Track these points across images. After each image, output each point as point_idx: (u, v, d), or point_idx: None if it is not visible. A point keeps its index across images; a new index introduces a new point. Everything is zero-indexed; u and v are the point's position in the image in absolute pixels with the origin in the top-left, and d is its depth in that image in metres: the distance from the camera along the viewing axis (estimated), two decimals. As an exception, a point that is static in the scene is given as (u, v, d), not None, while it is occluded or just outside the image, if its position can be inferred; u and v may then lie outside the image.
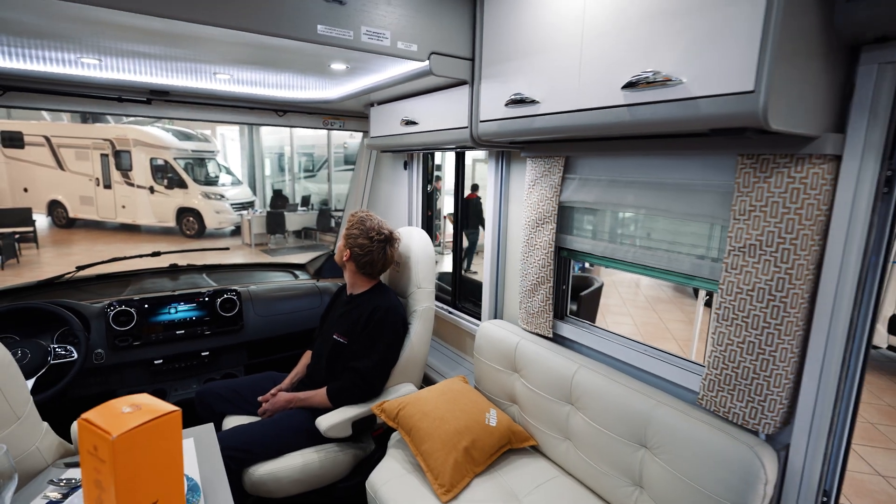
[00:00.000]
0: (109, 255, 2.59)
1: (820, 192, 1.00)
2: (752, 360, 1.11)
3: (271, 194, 12.92)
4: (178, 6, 1.05)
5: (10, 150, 10.87)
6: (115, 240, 10.96)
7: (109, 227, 12.10)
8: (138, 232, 11.78)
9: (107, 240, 11.02)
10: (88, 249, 10.06)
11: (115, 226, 12.03)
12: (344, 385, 1.77)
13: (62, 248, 10.37)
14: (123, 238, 11.18)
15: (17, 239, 8.85)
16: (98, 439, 0.67)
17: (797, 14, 0.82)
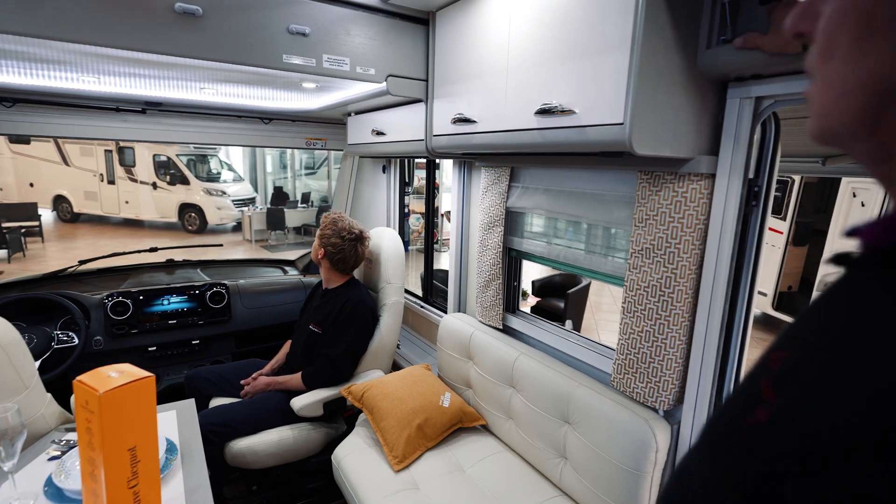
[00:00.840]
0: (112, 250, 2.80)
1: (698, 205, 1.18)
2: (650, 347, 1.30)
3: (272, 191, 13.13)
4: (160, 43, 1.24)
5: (17, 145, 11.12)
6: (119, 234, 11.19)
7: (113, 221, 12.35)
8: (141, 227, 12.01)
9: (110, 234, 11.26)
10: (92, 244, 10.30)
11: (118, 221, 12.28)
12: (316, 370, 1.97)
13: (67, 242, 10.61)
14: (126, 233, 11.41)
15: (23, 233, 9.09)
16: (88, 395, 0.87)
17: (658, 60, 1.00)
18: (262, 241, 11.02)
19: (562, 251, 1.66)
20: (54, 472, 1.10)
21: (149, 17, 1.22)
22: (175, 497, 1.10)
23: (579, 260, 1.60)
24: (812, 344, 0.30)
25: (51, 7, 1.12)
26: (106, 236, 11.01)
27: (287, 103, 2.27)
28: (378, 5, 1.55)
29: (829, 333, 0.29)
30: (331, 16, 1.48)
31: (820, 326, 0.31)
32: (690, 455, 0.38)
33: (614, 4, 1.01)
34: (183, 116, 2.30)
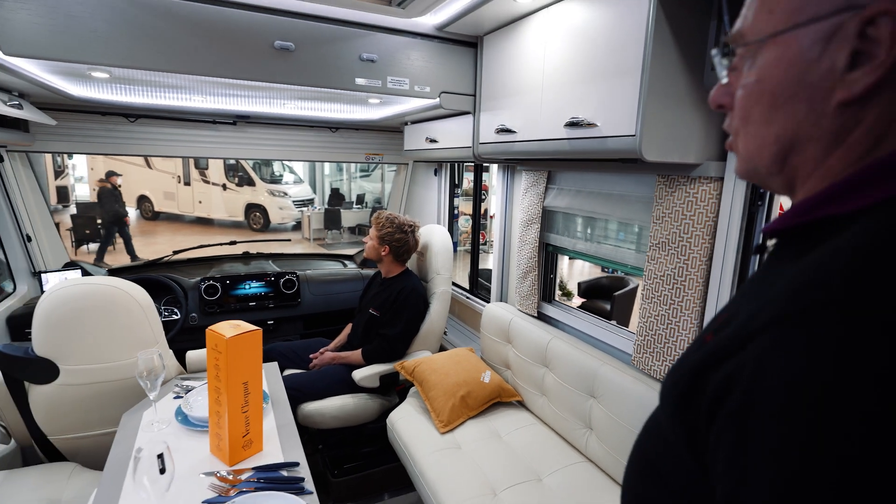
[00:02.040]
0: (188, 244, 3.26)
1: (708, 204, 1.36)
2: (665, 329, 1.48)
3: (329, 192, 13.83)
4: (262, 73, 1.57)
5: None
6: (192, 231, 12.21)
7: (187, 219, 13.47)
8: (211, 225, 13.02)
9: (185, 231, 12.30)
10: (170, 239, 11.32)
11: (191, 219, 13.38)
12: (374, 347, 2.26)
13: (148, 237, 11.72)
14: (199, 230, 12.42)
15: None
16: (218, 339, 1.18)
17: (666, 83, 1.20)
18: (319, 239, 11.68)
19: (591, 246, 1.85)
20: (182, 405, 1.44)
21: (255, 53, 1.55)
22: (270, 429, 1.41)
23: (607, 253, 1.79)
24: (736, 301, 0.50)
25: (185, 49, 1.47)
26: (182, 233, 12.05)
27: (352, 115, 2.59)
28: (434, 33, 1.82)
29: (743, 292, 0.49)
30: (394, 44, 1.76)
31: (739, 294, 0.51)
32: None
33: (629, 36, 1.21)
34: (266, 127, 2.68)
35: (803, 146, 0.45)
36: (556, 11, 1.46)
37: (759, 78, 0.46)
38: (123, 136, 2.40)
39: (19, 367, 1.47)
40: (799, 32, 0.43)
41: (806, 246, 0.44)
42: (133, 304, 1.56)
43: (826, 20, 0.41)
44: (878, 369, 0.30)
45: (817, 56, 0.42)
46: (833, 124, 0.43)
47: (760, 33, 0.46)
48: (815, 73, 0.42)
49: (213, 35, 1.49)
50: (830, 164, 0.44)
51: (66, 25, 1.33)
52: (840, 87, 0.41)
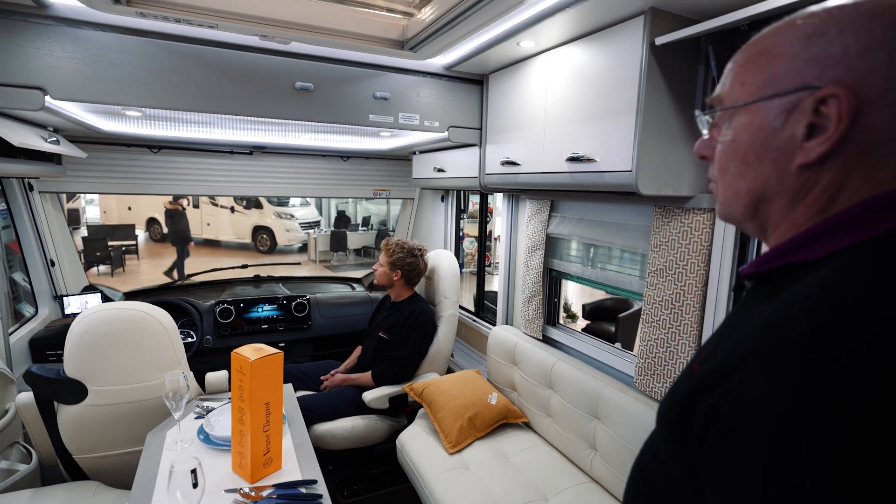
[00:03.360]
0: (196, 267, 3.37)
1: (702, 233, 1.44)
2: (664, 352, 1.55)
3: (335, 215, 14.02)
4: (285, 111, 1.69)
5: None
6: (200, 253, 12.35)
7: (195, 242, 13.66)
8: (219, 247, 13.18)
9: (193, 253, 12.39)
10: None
11: (199, 241, 13.56)
12: (384, 369, 2.33)
13: (156, 259, 11.85)
14: (207, 252, 12.56)
15: (123, 251, 10.35)
16: (243, 362, 1.26)
17: (659, 122, 1.30)
18: (324, 261, 11.79)
19: (594, 271, 1.93)
20: (203, 424, 1.51)
21: (278, 94, 1.67)
22: (287, 448, 1.47)
23: (608, 278, 1.87)
24: (716, 338, 0.58)
25: (215, 91, 1.60)
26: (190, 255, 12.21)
27: (363, 145, 2.72)
28: (443, 72, 1.94)
29: (721, 329, 0.56)
30: (406, 82, 1.88)
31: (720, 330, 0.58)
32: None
33: (624, 79, 1.32)
34: (281, 157, 2.81)
35: (771, 199, 0.53)
36: (558, 54, 1.58)
37: (733, 138, 0.55)
38: (146, 166, 2.53)
39: (52, 389, 1.55)
40: (765, 104, 0.52)
41: (775, 288, 0.52)
42: (159, 327, 1.64)
43: (787, 96, 0.50)
44: (830, 394, 0.37)
45: (780, 125, 0.50)
46: (795, 183, 0.51)
47: (735, 101, 0.55)
48: (778, 139, 0.51)
49: (240, 78, 1.61)
50: (795, 216, 0.53)
51: (107, 72, 1.45)
52: (799, 153, 0.50)
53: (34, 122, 1.83)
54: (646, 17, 1.24)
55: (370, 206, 15.04)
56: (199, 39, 1.56)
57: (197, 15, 1.37)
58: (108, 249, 9.79)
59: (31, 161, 1.83)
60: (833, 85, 0.46)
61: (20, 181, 2.28)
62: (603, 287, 1.90)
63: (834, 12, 0.49)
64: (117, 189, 2.51)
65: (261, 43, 1.58)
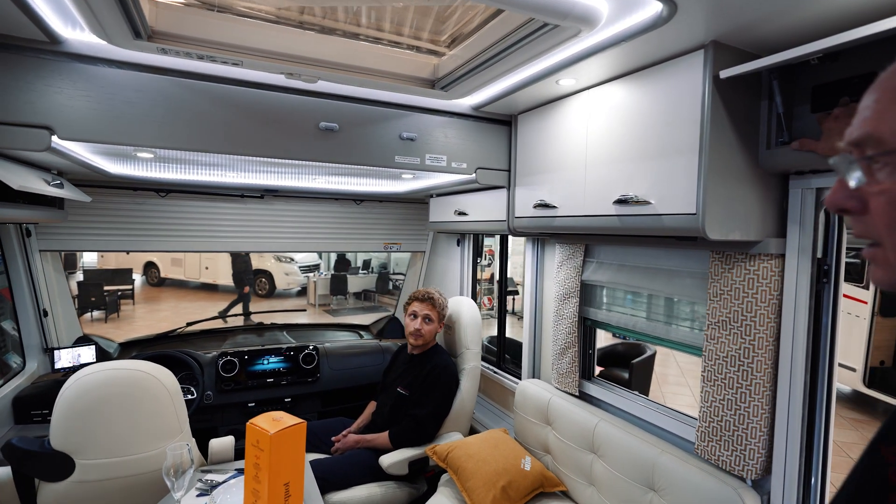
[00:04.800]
0: (193, 312, 3.21)
1: (770, 282, 1.30)
2: (732, 415, 1.38)
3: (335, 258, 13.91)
4: (308, 152, 1.59)
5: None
6: (198, 298, 12.12)
7: (191, 286, 13.43)
8: (216, 291, 12.95)
9: (190, 298, 12.20)
10: (175, 306, 11.20)
11: (196, 285, 13.34)
12: (403, 429, 2.12)
13: (153, 304, 11.60)
14: (204, 296, 12.33)
15: (119, 296, 10.11)
16: (260, 435, 1.09)
17: (723, 160, 1.19)
18: (324, 305, 11.56)
19: (638, 321, 1.78)
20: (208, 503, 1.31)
21: (301, 134, 1.57)
22: (305, 534, 1.26)
23: (656, 330, 1.71)
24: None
25: (235, 132, 1.50)
26: (186, 299, 11.95)
27: (379, 187, 2.62)
28: (471, 113, 1.86)
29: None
30: (433, 123, 1.80)
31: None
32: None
33: (683, 115, 1.22)
34: (292, 200, 2.70)
35: None
36: (600, 92, 1.49)
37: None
38: (153, 211, 2.41)
39: (34, 464, 1.35)
40: None
41: None
42: (161, 389, 1.46)
43: None
44: None
45: None
46: None
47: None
48: None
49: (262, 118, 1.52)
50: None
51: (121, 111, 1.35)
52: None
53: (37, 163, 1.72)
54: (707, 51, 1.16)
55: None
56: (221, 78, 1.47)
57: (222, 51, 1.28)
58: (103, 295, 9.57)
59: (30, 206, 1.70)
60: None
61: (17, 226, 2.14)
62: (650, 340, 1.74)
63: None
64: (120, 246, 2.42)
65: (285, 81, 1.49)
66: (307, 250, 2.94)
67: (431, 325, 2.25)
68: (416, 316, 2.25)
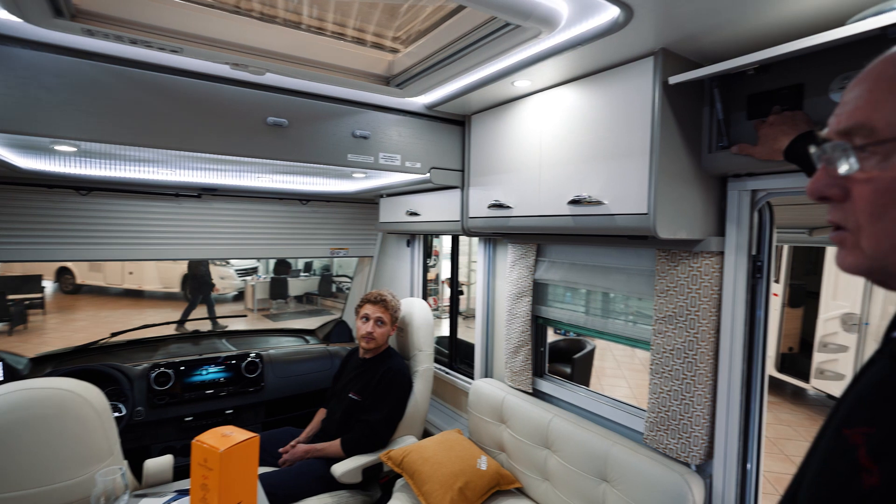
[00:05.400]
0: (115, 322, 2.95)
1: (711, 278, 1.39)
2: (678, 405, 1.45)
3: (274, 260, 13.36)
4: (254, 149, 1.50)
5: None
6: (120, 305, 11.17)
7: (113, 293, 12.37)
8: (142, 297, 12.01)
9: (112, 306, 11.23)
10: (93, 316, 10.25)
11: (118, 292, 12.30)
12: (356, 436, 2.06)
13: (67, 314, 10.54)
14: (128, 304, 11.38)
15: (26, 305, 9.11)
16: (208, 453, 1.00)
17: (672, 163, 1.25)
18: (263, 310, 11.06)
19: (588, 318, 1.84)
20: (147, 533, 1.20)
21: (247, 129, 1.48)
22: (258, 555, 1.19)
23: (607, 326, 1.77)
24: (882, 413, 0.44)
25: (176, 125, 1.38)
26: (107, 307, 10.98)
27: (327, 186, 2.53)
28: (424, 112, 1.84)
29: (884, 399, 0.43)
30: (386, 121, 1.76)
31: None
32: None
33: (634, 118, 1.27)
34: (233, 200, 2.55)
35: None
36: (554, 94, 1.52)
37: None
38: (72, 212, 2.18)
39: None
40: None
41: None
42: (87, 409, 1.32)
43: None
44: None
45: None
46: None
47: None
48: None
49: (204, 111, 1.41)
50: None
51: (38, 98, 1.20)
52: None
53: None
54: (657, 58, 1.21)
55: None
56: (158, 66, 1.35)
57: (159, 37, 1.17)
58: (6, 305, 8.59)
59: None
60: None
61: None
62: (600, 336, 1.81)
63: None
64: (30, 255, 2.12)
65: (230, 73, 1.40)
66: (249, 257, 2.78)
67: (384, 327, 2.20)
68: (368, 319, 2.20)
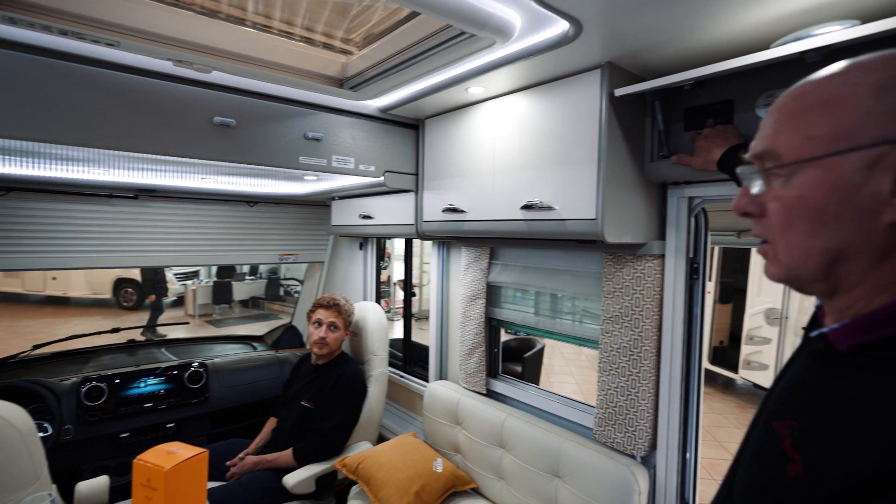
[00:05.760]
0: (37, 333, 2.74)
1: (654, 279, 1.47)
2: (625, 401, 1.53)
3: (217, 263, 12.76)
4: (199, 150, 1.43)
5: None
6: (42, 314, 10.26)
7: (32, 300, 11.33)
8: (67, 305, 11.09)
9: (32, 315, 10.29)
10: (10, 326, 9.34)
11: (39, 299, 11.29)
12: (309, 445, 2.01)
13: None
14: (51, 312, 10.47)
15: (-72, 316, 8.18)
16: (152, 473, 0.95)
17: (618, 171, 1.31)
18: (206, 315, 10.52)
19: (539, 319, 1.89)
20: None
21: (192, 129, 1.41)
22: (207, 576, 1.13)
23: (556, 326, 1.83)
24: (818, 414, 0.49)
25: (115, 124, 1.29)
26: (27, 317, 10.06)
27: (276, 188, 2.45)
28: (378, 115, 1.83)
29: (830, 406, 0.48)
30: (340, 123, 1.73)
31: (818, 403, 0.50)
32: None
33: (583, 127, 1.33)
34: (174, 202, 2.41)
35: (851, 258, 0.49)
36: (508, 101, 1.56)
37: (800, 195, 0.50)
38: None
39: None
40: (841, 158, 0.47)
41: (878, 361, 0.47)
42: (9, 431, 1.21)
43: (867, 150, 0.46)
44: None
45: (862, 181, 0.46)
46: (883, 241, 0.47)
47: (800, 155, 0.50)
48: (861, 197, 0.47)
49: (145, 109, 1.33)
50: (879, 276, 0.48)
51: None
52: (888, 210, 0.46)
53: None
54: (603, 71, 1.27)
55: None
56: (92, 59, 1.25)
57: (93, 28, 1.09)
58: None
59: None
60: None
61: None
62: (552, 336, 1.87)
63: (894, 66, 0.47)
64: None
65: (174, 69, 1.33)
66: (190, 264, 2.63)
67: (337, 332, 2.17)
68: (321, 324, 2.15)
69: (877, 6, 0.92)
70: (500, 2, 0.99)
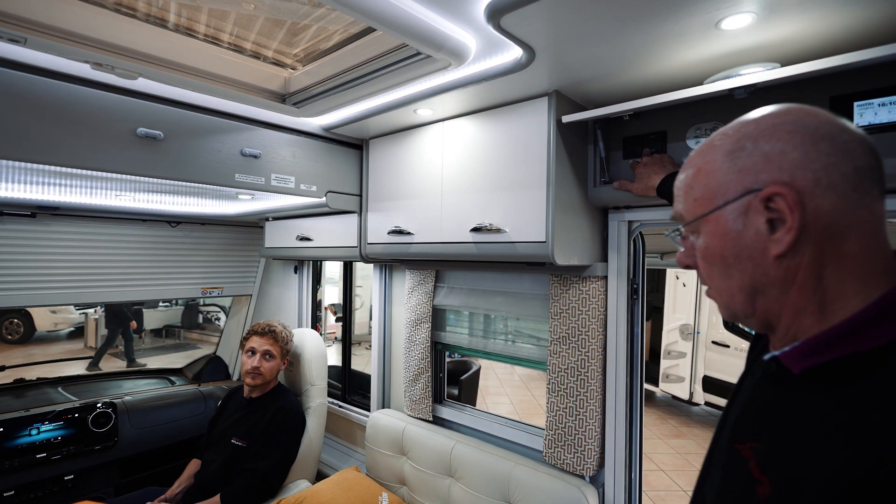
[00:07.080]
0: None
1: (598, 300, 1.52)
2: (573, 421, 1.54)
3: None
4: (121, 164, 1.28)
5: None
6: None
7: None
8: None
9: None
10: None
11: None
12: (240, 487, 1.82)
13: None
14: (-90, 349, 8.92)
15: None
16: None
17: (565, 195, 1.35)
18: (111, 348, 9.45)
19: (487, 342, 1.88)
20: None
21: (112, 140, 1.26)
22: None
23: (503, 349, 1.83)
24: (780, 434, 0.52)
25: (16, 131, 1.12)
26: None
27: (202, 208, 2.26)
28: (321, 133, 1.76)
29: (791, 426, 0.51)
30: (280, 140, 1.64)
31: (779, 423, 0.53)
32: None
33: (532, 152, 1.36)
34: (80, 222, 2.15)
35: (763, 291, 0.56)
36: (456, 124, 1.56)
37: (706, 246, 0.60)
38: None
39: None
40: (720, 212, 0.57)
41: (837, 380, 0.50)
42: None
43: (736, 201, 0.55)
44: None
45: (742, 226, 0.55)
46: (778, 271, 0.54)
47: (693, 215, 0.61)
48: (747, 238, 0.55)
49: (55, 115, 1.17)
50: (793, 300, 0.54)
51: None
52: (772, 245, 0.53)
53: None
54: (551, 99, 1.31)
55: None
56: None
57: (-4, 22, 0.95)
58: None
59: None
60: (773, 185, 0.52)
61: None
62: (498, 359, 1.86)
63: (743, 129, 0.56)
64: None
65: (91, 73, 1.18)
66: (96, 301, 2.34)
67: (273, 361, 2.02)
68: (255, 352, 1.99)
69: (794, 52, 1.03)
70: (458, 24, 0.99)
